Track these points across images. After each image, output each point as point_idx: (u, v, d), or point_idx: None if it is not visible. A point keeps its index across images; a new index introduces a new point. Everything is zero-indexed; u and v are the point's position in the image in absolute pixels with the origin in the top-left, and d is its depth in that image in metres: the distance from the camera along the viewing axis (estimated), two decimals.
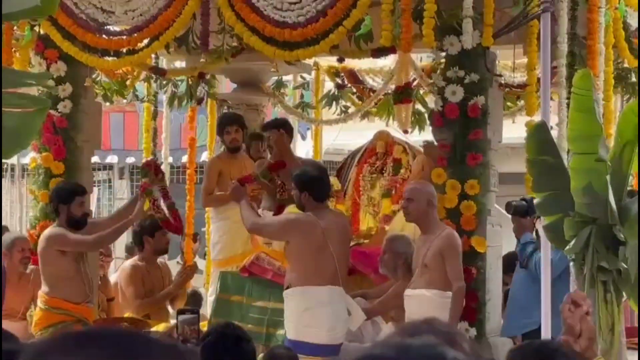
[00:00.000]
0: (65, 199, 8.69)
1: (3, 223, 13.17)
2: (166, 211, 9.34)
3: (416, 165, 9.70)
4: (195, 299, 10.18)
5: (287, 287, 8.08)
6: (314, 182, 8.19)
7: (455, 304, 7.73)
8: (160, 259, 9.73)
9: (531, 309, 7.69)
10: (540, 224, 7.27)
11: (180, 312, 7.90)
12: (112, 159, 19.14)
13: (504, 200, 9.21)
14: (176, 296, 9.68)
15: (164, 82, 10.96)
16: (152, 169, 9.34)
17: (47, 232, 8.74)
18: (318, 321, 7.86)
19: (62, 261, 8.56)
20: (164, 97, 11.35)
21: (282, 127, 10.14)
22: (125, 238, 9.99)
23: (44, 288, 8.65)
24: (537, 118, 8.05)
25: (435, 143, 8.51)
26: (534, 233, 8.39)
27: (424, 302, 7.81)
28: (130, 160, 18.43)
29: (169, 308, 9.71)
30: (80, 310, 8.65)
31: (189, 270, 9.93)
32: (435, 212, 8.07)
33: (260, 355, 6.95)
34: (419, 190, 8.10)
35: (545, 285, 6.63)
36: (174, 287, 9.58)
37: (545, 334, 6.60)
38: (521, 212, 8.49)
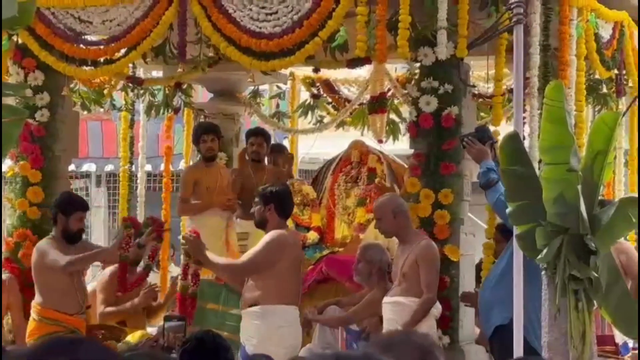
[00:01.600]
0: (66, 210, 8.64)
1: None
2: (134, 254, 8.93)
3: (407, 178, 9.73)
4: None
5: (252, 305, 7.88)
6: (281, 196, 8.08)
7: (417, 312, 7.71)
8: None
9: (490, 315, 7.69)
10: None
11: (167, 318, 7.85)
12: (89, 167, 19.09)
13: (477, 209, 9.22)
14: (154, 309, 9.57)
15: (141, 91, 10.94)
16: (154, 227, 8.94)
17: (37, 244, 8.75)
18: (285, 341, 7.77)
19: (55, 273, 8.52)
20: (141, 106, 11.33)
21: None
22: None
23: (37, 299, 8.61)
24: (505, 127, 8.09)
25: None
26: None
27: (401, 309, 7.80)
28: (109, 168, 18.38)
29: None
30: (72, 322, 8.60)
31: (149, 293, 9.72)
32: (408, 220, 8.04)
33: None
34: (382, 206, 8.08)
35: (518, 287, 6.64)
36: (138, 302, 9.45)
37: (518, 334, 6.60)
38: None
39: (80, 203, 8.99)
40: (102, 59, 9.10)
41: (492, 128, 8.38)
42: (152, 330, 9.26)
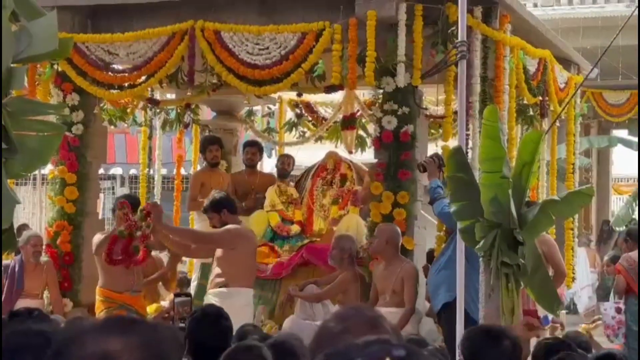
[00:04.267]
0: None
1: (24, 222, 13.06)
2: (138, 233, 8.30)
3: (367, 178, 9.69)
4: (183, 282, 10.11)
5: (224, 286, 7.72)
6: (225, 200, 8.03)
7: (401, 320, 7.66)
8: (153, 252, 9.62)
9: (438, 293, 7.70)
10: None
11: (176, 295, 7.82)
12: (116, 170, 19.04)
13: (429, 207, 9.21)
14: (168, 280, 9.57)
15: (158, 110, 10.91)
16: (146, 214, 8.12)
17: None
18: (242, 318, 7.63)
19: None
20: (157, 122, 11.30)
21: None
22: None
23: None
24: (451, 142, 8.10)
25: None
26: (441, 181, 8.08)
27: (394, 317, 7.61)
28: (132, 171, 18.32)
29: (163, 290, 9.59)
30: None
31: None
32: (396, 249, 7.98)
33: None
34: (382, 231, 8.02)
35: (460, 271, 6.64)
36: (166, 268, 9.42)
37: (460, 310, 6.61)
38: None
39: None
40: (126, 84, 9.08)
41: (442, 142, 8.41)
42: (164, 303, 9.25)
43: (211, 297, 7.74)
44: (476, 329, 4.32)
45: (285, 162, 10.76)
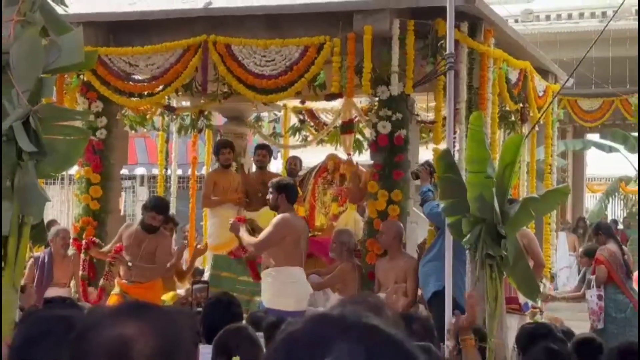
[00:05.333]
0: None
1: (53, 218, 13.06)
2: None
3: (364, 177, 9.69)
4: (196, 272, 10.10)
5: (267, 268, 7.87)
6: (289, 186, 8.08)
7: (404, 308, 7.62)
8: (175, 246, 9.50)
9: (428, 283, 7.69)
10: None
11: (194, 282, 7.83)
12: (139, 170, 19.08)
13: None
14: (183, 276, 9.48)
15: (174, 116, 10.92)
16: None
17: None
18: (290, 293, 7.75)
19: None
20: (174, 127, 11.31)
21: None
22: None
23: None
24: (441, 145, 8.09)
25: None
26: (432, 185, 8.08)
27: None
28: (153, 172, 18.36)
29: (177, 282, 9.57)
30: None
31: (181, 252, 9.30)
32: (400, 243, 7.96)
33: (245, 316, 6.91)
34: (390, 227, 7.99)
35: (448, 262, 6.64)
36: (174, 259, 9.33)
37: (448, 298, 6.61)
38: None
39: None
40: (145, 93, 9.08)
41: (432, 145, 8.41)
42: (180, 291, 9.24)
43: (265, 277, 7.85)
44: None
45: (293, 162, 10.78)
